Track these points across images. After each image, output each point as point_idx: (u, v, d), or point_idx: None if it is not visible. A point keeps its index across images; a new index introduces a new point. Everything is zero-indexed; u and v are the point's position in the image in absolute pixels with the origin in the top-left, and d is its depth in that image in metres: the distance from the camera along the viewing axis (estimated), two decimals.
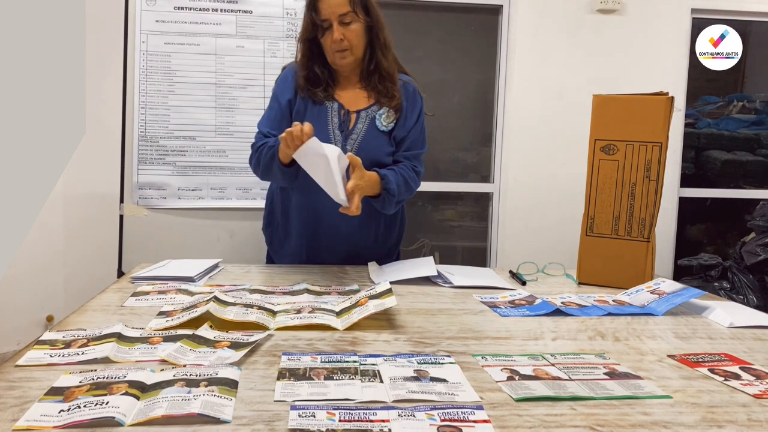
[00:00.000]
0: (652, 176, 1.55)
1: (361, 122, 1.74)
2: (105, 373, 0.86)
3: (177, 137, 2.65)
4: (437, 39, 3.28)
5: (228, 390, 0.83)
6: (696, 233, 3.60)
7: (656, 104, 1.53)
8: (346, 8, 1.65)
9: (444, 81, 3.25)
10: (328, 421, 0.74)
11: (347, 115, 1.75)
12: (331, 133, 1.72)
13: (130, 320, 1.15)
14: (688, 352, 1.06)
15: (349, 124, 1.74)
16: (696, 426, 0.77)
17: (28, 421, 0.74)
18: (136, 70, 2.65)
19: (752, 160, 3.59)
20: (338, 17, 1.65)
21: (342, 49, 1.68)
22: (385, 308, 1.18)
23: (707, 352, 1.05)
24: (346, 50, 1.69)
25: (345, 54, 1.69)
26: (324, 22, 1.66)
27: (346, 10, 1.65)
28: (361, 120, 1.74)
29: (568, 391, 0.86)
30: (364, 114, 1.75)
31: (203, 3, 2.66)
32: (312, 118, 1.71)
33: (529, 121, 3.04)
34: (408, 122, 1.77)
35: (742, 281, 2.78)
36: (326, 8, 1.65)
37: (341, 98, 1.77)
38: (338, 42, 1.66)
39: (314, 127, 1.66)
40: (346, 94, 1.78)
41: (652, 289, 1.46)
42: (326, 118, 1.74)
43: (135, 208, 2.66)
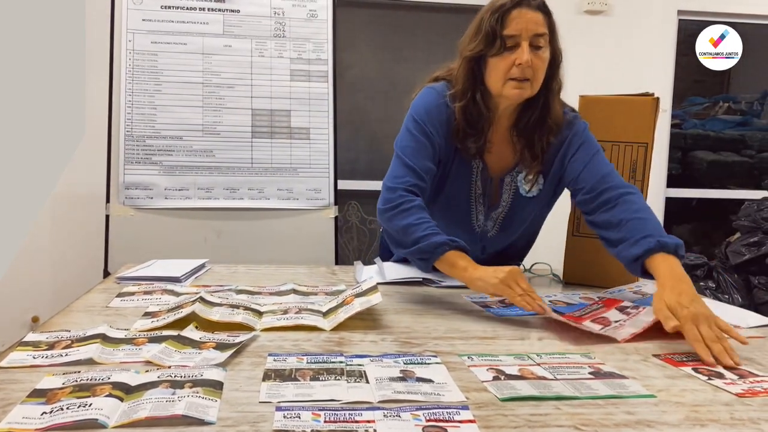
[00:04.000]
0: (638, 176, 1.56)
1: (506, 192, 1.49)
2: (89, 375, 0.86)
3: (164, 137, 2.64)
4: (426, 39, 3.28)
5: (213, 391, 0.82)
6: (682, 233, 3.64)
7: (642, 105, 1.54)
8: (542, 29, 1.34)
9: None
10: (313, 422, 0.74)
11: (490, 181, 1.49)
12: (472, 204, 1.50)
13: (115, 321, 1.14)
14: (672, 351, 1.07)
15: (493, 193, 1.49)
16: (680, 425, 0.78)
17: (10, 423, 0.73)
18: (122, 69, 2.63)
19: (738, 161, 3.63)
20: (531, 37, 1.33)
21: (524, 77, 1.34)
22: (371, 305, 1.17)
23: (692, 352, 1.06)
24: (527, 80, 1.35)
25: (524, 84, 1.35)
26: (510, 39, 1.33)
27: (542, 31, 1.34)
28: (506, 189, 1.49)
29: (554, 390, 0.87)
30: (509, 180, 1.49)
31: (190, 2, 2.65)
32: (455, 178, 1.48)
33: None
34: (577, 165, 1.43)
35: (727, 281, 2.80)
36: (520, 22, 1.32)
37: (486, 154, 1.47)
38: (523, 68, 1.32)
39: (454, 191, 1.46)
40: (493, 149, 1.47)
41: (634, 290, 1.48)
42: (469, 182, 1.48)
43: (121, 208, 2.64)
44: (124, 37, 2.62)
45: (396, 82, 3.28)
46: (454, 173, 1.49)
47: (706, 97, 3.75)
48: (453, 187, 1.48)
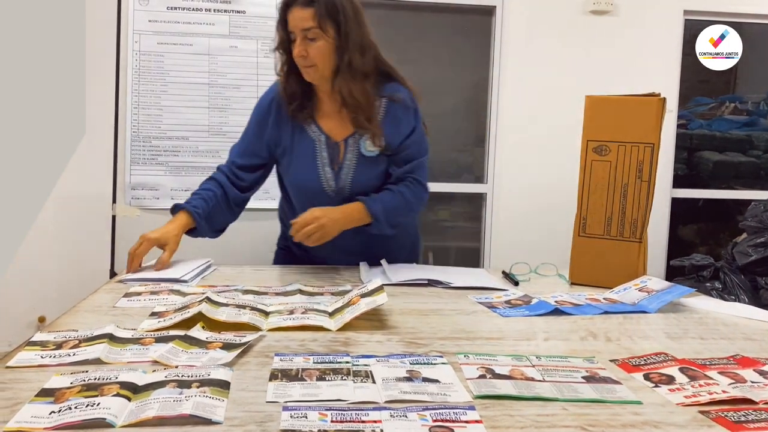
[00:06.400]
0: (644, 177, 1.55)
1: (349, 152, 1.67)
2: (96, 374, 0.86)
3: (170, 137, 2.65)
4: (430, 40, 3.28)
5: (220, 391, 0.83)
6: (688, 234, 3.62)
7: (648, 105, 1.54)
8: (310, 23, 1.55)
9: (437, 82, 3.25)
10: (320, 422, 0.74)
11: (336, 147, 1.68)
12: (321, 172, 1.67)
13: (122, 321, 1.15)
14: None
15: (338, 156, 1.67)
16: (687, 426, 0.78)
17: (19, 422, 0.73)
18: (128, 70, 2.64)
19: (744, 161, 3.61)
20: (302, 32, 1.57)
21: (306, 65, 1.60)
22: (377, 305, 1.17)
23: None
24: (311, 67, 1.60)
25: (310, 70, 1.61)
26: (292, 35, 1.59)
27: (309, 25, 1.56)
28: (350, 149, 1.67)
29: (534, 391, 0.86)
30: (351, 141, 1.67)
31: (196, 3, 2.66)
32: (301, 153, 1.68)
33: (523, 122, 3.05)
34: (395, 139, 1.68)
35: (734, 281, 2.79)
36: (292, 21, 1.57)
37: (326, 126, 1.69)
38: (300, 58, 1.59)
39: (304, 164, 1.68)
40: (331, 120, 1.69)
41: (639, 286, 1.47)
42: (314, 153, 1.68)
43: (127, 208, 2.65)
44: (131, 38, 2.63)
45: None
46: (297, 147, 1.70)
47: (712, 98, 3.74)
48: (299, 158, 1.68)
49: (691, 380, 0.92)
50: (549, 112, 3.01)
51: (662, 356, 1.03)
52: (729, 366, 0.99)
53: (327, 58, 1.60)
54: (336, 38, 1.58)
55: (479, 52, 3.17)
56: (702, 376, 0.94)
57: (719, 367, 0.99)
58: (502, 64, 3.04)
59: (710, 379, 0.93)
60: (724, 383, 0.91)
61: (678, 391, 0.88)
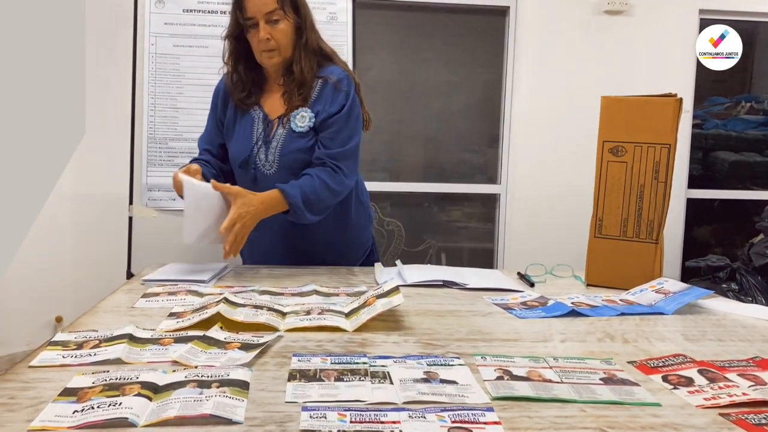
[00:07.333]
0: (661, 178, 1.55)
1: (280, 128, 1.69)
2: (117, 374, 0.87)
3: (186, 139, 2.66)
4: (444, 40, 3.28)
5: (239, 391, 0.83)
6: (704, 234, 3.59)
7: (665, 106, 1.53)
8: (272, 6, 1.58)
9: (451, 82, 3.25)
10: (339, 422, 0.75)
11: (270, 123, 1.71)
12: (253, 144, 1.70)
13: (140, 321, 1.16)
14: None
15: (270, 132, 1.70)
16: (707, 428, 0.77)
17: (43, 421, 0.74)
18: (145, 72, 2.66)
19: (760, 161, 3.58)
20: (264, 15, 1.58)
21: (269, 49, 1.62)
22: (392, 306, 1.18)
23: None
24: (274, 50, 1.63)
25: (272, 54, 1.63)
26: (249, 21, 1.60)
27: (272, 7, 1.58)
28: (281, 126, 1.69)
29: (552, 393, 0.86)
30: (285, 119, 1.70)
31: (211, 5, 2.67)
32: (240, 130, 1.73)
33: (536, 123, 3.04)
34: (321, 115, 1.67)
35: (750, 283, 2.77)
36: (251, 5, 1.58)
37: (265, 105, 1.73)
38: (265, 41, 1.60)
39: (240, 139, 1.74)
40: (270, 100, 1.73)
41: (656, 288, 1.46)
42: (251, 128, 1.71)
43: (144, 209, 2.67)
44: (147, 41, 2.65)
45: (414, 83, 3.28)
46: (238, 125, 1.74)
47: (727, 97, 3.71)
48: (238, 135, 1.73)
49: (710, 382, 0.92)
50: (563, 113, 3.00)
51: (680, 358, 1.02)
52: (748, 368, 0.99)
53: (290, 40, 1.65)
54: (296, 19, 1.64)
55: (492, 53, 3.17)
56: (721, 378, 0.93)
57: (738, 369, 0.98)
58: (515, 65, 3.03)
59: (730, 381, 0.92)
60: (743, 385, 0.90)
61: (697, 393, 0.88)
